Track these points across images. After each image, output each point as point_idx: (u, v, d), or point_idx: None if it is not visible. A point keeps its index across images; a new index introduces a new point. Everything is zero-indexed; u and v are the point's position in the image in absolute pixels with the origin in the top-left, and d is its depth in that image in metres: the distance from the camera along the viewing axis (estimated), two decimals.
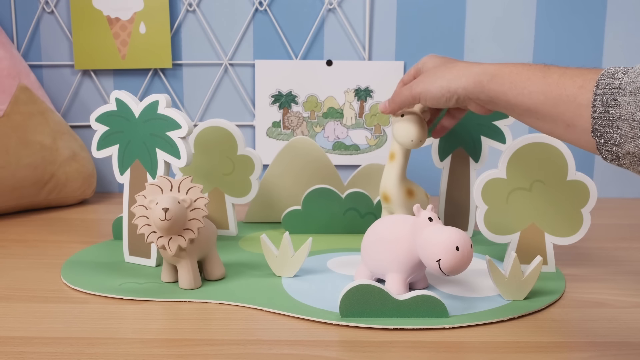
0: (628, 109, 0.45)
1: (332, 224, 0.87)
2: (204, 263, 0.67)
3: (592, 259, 0.77)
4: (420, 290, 0.57)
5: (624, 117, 0.45)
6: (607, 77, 0.47)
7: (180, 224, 0.61)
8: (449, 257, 0.54)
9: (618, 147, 0.46)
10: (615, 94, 0.46)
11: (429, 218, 0.58)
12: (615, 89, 0.46)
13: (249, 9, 1.13)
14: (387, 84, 1.13)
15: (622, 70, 0.47)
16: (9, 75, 1.01)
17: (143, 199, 0.62)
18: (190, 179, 0.63)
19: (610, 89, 0.46)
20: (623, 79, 0.46)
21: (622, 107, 0.45)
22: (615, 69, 0.47)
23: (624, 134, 0.45)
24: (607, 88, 0.46)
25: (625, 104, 0.45)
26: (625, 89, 0.45)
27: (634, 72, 0.46)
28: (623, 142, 0.46)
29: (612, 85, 0.46)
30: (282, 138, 1.15)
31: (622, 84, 0.46)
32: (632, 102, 0.45)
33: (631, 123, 0.45)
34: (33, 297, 0.62)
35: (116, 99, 0.71)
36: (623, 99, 0.45)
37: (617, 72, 0.47)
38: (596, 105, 0.47)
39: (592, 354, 0.50)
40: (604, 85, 0.47)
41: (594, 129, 0.47)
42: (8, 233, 0.88)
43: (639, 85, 0.45)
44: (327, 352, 0.50)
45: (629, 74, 0.46)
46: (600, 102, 0.47)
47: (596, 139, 0.48)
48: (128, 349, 0.50)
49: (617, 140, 0.46)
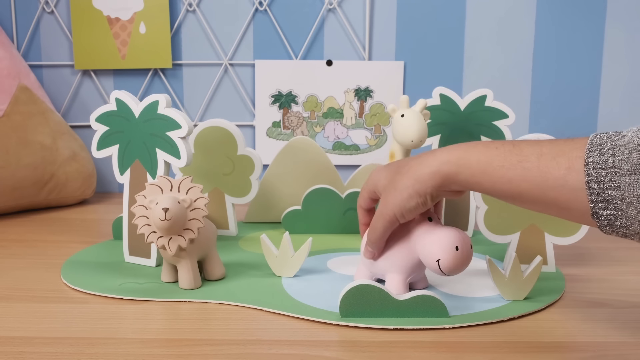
0: (632, 191, 0.42)
1: (332, 224, 0.87)
2: (204, 263, 0.67)
3: (592, 259, 0.77)
4: (420, 290, 0.57)
5: (628, 199, 0.43)
6: (595, 154, 0.44)
7: (180, 224, 0.61)
8: (448, 257, 0.54)
9: (626, 228, 0.44)
10: (612, 174, 0.43)
11: (428, 218, 0.58)
12: (609, 168, 0.43)
13: (249, 9, 1.13)
14: (387, 84, 1.13)
15: (608, 142, 0.44)
16: (9, 75, 1.01)
17: (143, 199, 0.62)
18: (190, 179, 0.63)
19: (604, 169, 0.44)
20: (615, 155, 0.43)
21: (623, 189, 0.43)
22: (601, 141, 0.44)
23: (630, 216, 0.43)
24: (599, 168, 0.44)
25: (627, 185, 0.43)
26: (622, 167, 0.43)
27: (625, 146, 0.43)
28: (631, 224, 0.43)
29: (605, 165, 0.44)
30: (282, 138, 1.15)
31: (615, 162, 0.43)
32: (633, 182, 0.42)
33: (637, 206, 0.42)
34: (33, 297, 0.62)
35: (116, 99, 0.71)
36: (622, 179, 0.43)
37: (604, 145, 0.44)
38: (592, 188, 0.44)
39: (592, 354, 0.50)
40: (595, 164, 0.44)
41: (594, 212, 0.45)
42: (8, 233, 0.88)
43: (636, 163, 0.42)
44: (327, 352, 0.50)
45: (618, 147, 0.44)
46: (596, 185, 0.44)
47: (598, 221, 0.45)
48: (128, 349, 0.50)
49: (624, 222, 0.44)
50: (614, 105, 1.14)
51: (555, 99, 1.14)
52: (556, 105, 1.15)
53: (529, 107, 1.15)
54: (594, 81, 1.14)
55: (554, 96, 1.14)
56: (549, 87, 1.14)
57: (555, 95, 1.14)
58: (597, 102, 1.14)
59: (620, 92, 1.14)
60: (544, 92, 1.14)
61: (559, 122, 1.15)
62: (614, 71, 1.13)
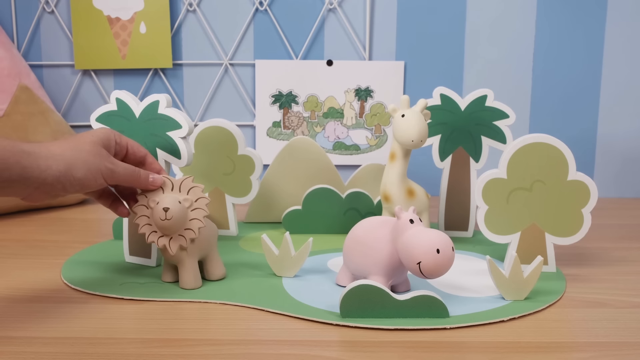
0: None
1: (332, 224, 0.87)
2: (204, 263, 0.67)
3: (592, 259, 0.77)
4: (421, 290, 0.57)
5: None
6: None
7: (181, 223, 0.61)
8: (429, 260, 0.54)
9: None
10: None
11: (410, 220, 0.57)
12: None
13: (249, 9, 1.13)
14: (388, 84, 1.13)
15: None
16: (9, 75, 1.01)
17: (144, 198, 0.62)
18: (191, 179, 0.63)
19: None
20: None
21: None
22: None
23: None
24: None
25: None
26: None
27: None
28: None
29: None
30: (282, 138, 1.15)
31: None
32: None
33: None
34: (33, 297, 0.62)
35: (117, 99, 0.71)
36: None
37: None
38: None
39: (592, 354, 0.50)
40: None
41: None
42: (8, 233, 0.88)
43: None
44: (327, 352, 0.50)
45: None
46: None
47: None
48: (128, 349, 0.50)
49: None
50: (614, 105, 1.14)
51: (556, 99, 1.14)
52: (556, 105, 1.15)
53: (529, 107, 1.15)
54: (594, 81, 1.14)
55: (554, 96, 1.14)
56: (549, 87, 1.14)
57: (556, 95, 1.14)
58: (597, 101, 1.14)
59: (620, 92, 1.14)
60: (544, 92, 1.14)
61: (559, 122, 1.15)
62: (614, 71, 1.13)
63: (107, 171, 0.58)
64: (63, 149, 0.56)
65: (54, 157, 0.54)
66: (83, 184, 0.57)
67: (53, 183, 0.54)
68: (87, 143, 0.57)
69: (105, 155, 0.59)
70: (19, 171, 0.52)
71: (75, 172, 0.55)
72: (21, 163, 0.52)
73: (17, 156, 0.52)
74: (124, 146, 0.62)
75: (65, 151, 0.56)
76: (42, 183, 0.54)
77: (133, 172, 0.61)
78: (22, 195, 0.55)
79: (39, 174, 0.53)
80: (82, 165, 0.56)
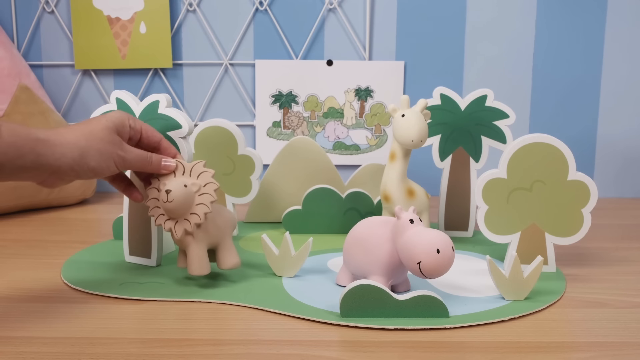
0: None
1: (332, 224, 0.87)
2: (217, 251, 0.65)
3: (592, 259, 0.77)
4: (421, 290, 0.57)
5: None
6: None
7: (185, 207, 0.61)
8: (429, 260, 0.54)
9: None
10: None
11: (410, 220, 0.57)
12: None
13: (249, 9, 1.13)
14: (388, 83, 1.13)
15: None
16: (9, 75, 1.01)
17: (157, 182, 0.63)
18: (202, 164, 0.62)
19: None
20: None
21: None
22: None
23: None
24: None
25: None
26: None
27: None
28: None
29: None
30: (282, 138, 1.15)
31: None
32: None
33: None
34: (33, 297, 0.62)
35: (117, 99, 0.71)
36: None
37: None
38: None
39: (592, 354, 0.50)
40: None
41: None
42: (8, 233, 0.88)
43: None
44: (327, 352, 0.50)
45: None
46: None
47: None
48: (128, 349, 0.50)
49: None
50: (614, 105, 1.14)
51: (556, 98, 1.14)
52: (556, 105, 1.15)
53: (529, 107, 1.15)
54: (594, 81, 1.14)
55: (554, 96, 1.14)
56: (549, 87, 1.14)
57: (556, 95, 1.14)
58: (597, 101, 1.14)
59: (620, 91, 1.14)
60: (544, 92, 1.14)
61: (559, 122, 1.15)
62: (614, 71, 1.13)
63: (118, 159, 0.59)
64: (77, 137, 0.57)
65: (68, 145, 0.55)
66: (96, 171, 0.58)
67: (67, 170, 0.56)
68: (100, 130, 0.58)
69: (118, 142, 0.59)
70: (33, 158, 0.53)
71: (89, 161, 0.57)
72: (35, 150, 0.53)
73: (32, 143, 0.53)
74: (138, 130, 0.63)
75: (79, 139, 0.56)
76: (56, 170, 0.55)
77: (145, 158, 0.61)
78: (36, 181, 0.56)
79: (53, 161, 0.54)
80: (95, 153, 0.57)
